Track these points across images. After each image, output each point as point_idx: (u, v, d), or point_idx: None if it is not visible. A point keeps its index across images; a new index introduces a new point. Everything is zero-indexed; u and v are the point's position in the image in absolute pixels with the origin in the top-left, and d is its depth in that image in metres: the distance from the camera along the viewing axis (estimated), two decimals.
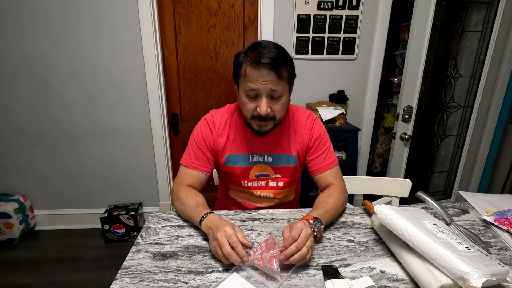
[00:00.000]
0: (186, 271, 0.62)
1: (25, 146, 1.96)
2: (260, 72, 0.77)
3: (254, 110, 0.83)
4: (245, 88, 0.82)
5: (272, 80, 0.78)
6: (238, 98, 0.88)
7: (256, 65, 0.77)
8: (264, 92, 0.80)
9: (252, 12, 1.87)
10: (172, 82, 1.97)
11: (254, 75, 0.78)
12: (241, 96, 0.85)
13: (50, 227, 2.14)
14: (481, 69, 1.93)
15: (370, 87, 2.02)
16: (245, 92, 0.82)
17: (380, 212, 0.68)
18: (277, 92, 0.81)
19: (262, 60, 0.76)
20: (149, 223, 0.81)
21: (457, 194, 1.01)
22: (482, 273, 0.50)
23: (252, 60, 0.78)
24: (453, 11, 1.80)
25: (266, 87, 0.79)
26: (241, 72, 0.82)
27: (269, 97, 0.81)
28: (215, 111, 0.99)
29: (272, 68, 0.77)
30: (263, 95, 0.80)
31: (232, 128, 0.95)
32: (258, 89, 0.79)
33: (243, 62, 0.81)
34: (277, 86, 0.79)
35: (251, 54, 0.79)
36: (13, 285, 1.62)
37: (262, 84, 0.78)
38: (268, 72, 0.77)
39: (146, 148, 2.03)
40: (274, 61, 0.77)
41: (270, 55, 0.77)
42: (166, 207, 2.17)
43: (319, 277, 0.61)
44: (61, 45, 1.77)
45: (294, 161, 0.96)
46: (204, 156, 0.94)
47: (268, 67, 0.76)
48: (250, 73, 0.79)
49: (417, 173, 2.16)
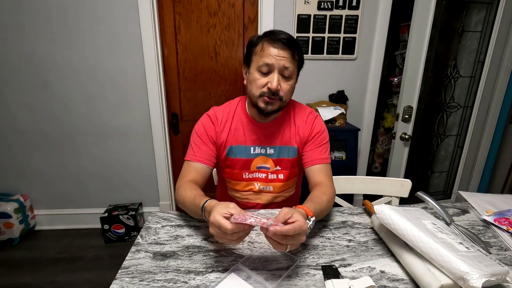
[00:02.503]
0: (186, 271, 0.62)
1: (25, 146, 1.96)
2: (276, 48, 0.83)
3: (264, 86, 0.86)
4: (258, 64, 0.85)
5: (286, 57, 0.84)
6: (248, 77, 0.91)
7: (273, 41, 0.83)
8: (277, 68, 0.84)
9: (252, 12, 1.87)
10: (172, 82, 1.97)
11: (269, 51, 0.83)
12: (252, 73, 0.88)
13: (50, 227, 2.14)
14: (481, 69, 1.93)
15: (370, 87, 2.02)
16: (258, 68, 0.86)
17: (380, 212, 0.68)
18: (289, 71, 0.85)
19: (278, 37, 0.83)
20: (149, 222, 0.81)
21: (457, 194, 1.01)
22: (482, 273, 0.50)
23: (269, 38, 0.85)
24: (453, 11, 1.80)
25: (280, 63, 0.83)
26: (257, 49, 0.86)
27: (280, 74, 0.85)
28: (216, 107, 1.01)
29: (288, 46, 0.83)
30: (275, 71, 0.84)
31: (235, 118, 0.97)
32: (272, 64, 0.83)
33: (260, 40, 0.87)
34: (290, 64, 0.84)
35: (268, 34, 0.86)
36: (13, 285, 1.62)
37: (276, 59, 0.83)
38: (284, 48, 0.83)
39: (146, 148, 2.03)
40: (289, 40, 0.84)
41: (286, 35, 0.84)
42: (166, 207, 2.17)
43: (319, 277, 0.61)
44: (61, 45, 1.77)
45: (294, 153, 0.97)
46: (207, 148, 0.94)
47: (284, 42, 0.83)
48: (266, 48, 0.84)
49: (417, 173, 2.16)
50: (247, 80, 0.92)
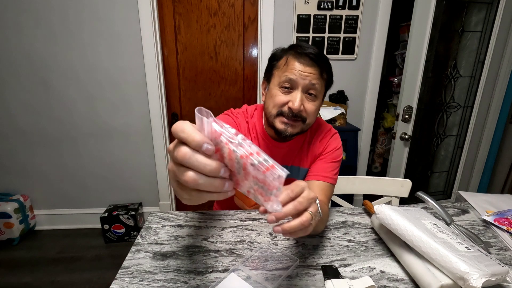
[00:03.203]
0: (186, 271, 0.62)
1: (25, 146, 1.96)
2: (302, 63, 0.73)
3: (284, 105, 0.75)
4: (280, 79, 0.75)
5: (314, 74, 0.74)
6: (267, 92, 0.81)
7: (299, 55, 0.73)
8: (301, 85, 0.74)
9: (252, 12, 1.87)
10: (172, 82, 1.97)
11: (294, 65, 0.74)
12: (272, 89, 0.78)
13: (50, 227, 2.14)
14: (481, 69, 1.93)
15: (370, 87, 2.02)
16: (280, 84, 0.76)
17: (380, 212, 0.68)
18: (315, 89, 0.75)
19: (306, 51, 0.73)
20: (149, 222, 0.81)
21: (457, 194, 1.01)
22: (482, 273, 0.50)
23: (295, 51, 0.74)
24: (453, 11, 1.80)
25: (306, 80, 0.73)
26: (280, 63, 0.77)
27: (305, 93, 0.75)
28: (234, 111, 0.90)
29: (316, 62, 0.73)
30: (299, 88, 0.74)
31: (251, 132, 0.88)
32: (296, 81, 0.73)
33: (284, 54, 0.77)
34: (317, 81, 0.74)
35: (294, 47, 0.76)
36: (13, 285, 1.62)
37: (302, 76, 0.73)
38: (311, 64, 0.73)
39: (146, 148, 2.03)
40: (318, 55, 0.74)
41: (315, 50, 0.74)
42: (166, 207, 2.17)
43: (319, 277, 0.61)
44: (61, 45, 1.77)
45: (303, 175, 0.89)
46: None
47: (312, 57, 0.73)
48: (291, 63, 0.74)
49: (417, 173, 2.16)
50: (265, 96, 0.82)
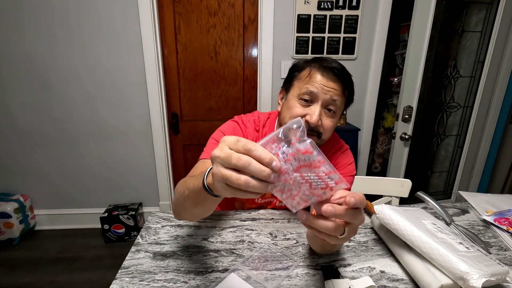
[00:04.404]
0: (186, 271, 0.62)
1: (25, 146, 1.96)
2: (326, 78, 0.72)
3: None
4: (301, 90, 0.74)
5: (336, 90, 0.72)
6: (284, 103, 0.78)
7: (324, 69, 0.73)
8: (321, 99, 0.72)
9: (252, 12, 1.87)
10: (172, 82, 1.97)
11: (318, 79, 0.72)
12: (290, 99, 0.76)
13: (50, 227, 2.14)
14: (481, 69, 1.93)
15: (370, 87, 2.02)
16: (299, 96, 0.74)
17: (380, 212, 0.68)
18: (335, 105, 0.73)
19: (331, 65, 0.72)
20: (149, 222, 0.81)
21: (457, 194, 1.01)
22: (482, 273, 0.50)
23: (320, 64, 0.73)
24: (453, 11, 1.80)
25: (327, 95, 0.72)
26: (302, 74, 0.76)
27: (324, 108, 0.73)
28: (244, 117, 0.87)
29: (340, 78, 0.73)
30: (319, 102, 0.72)
31: None
32: (317, 94, 0.72)
33: (308, 65, 0.76)
34: (338, 97, 0.73)
35: (319, 60, 0.75)
36: (13, 285, 1.62)
37: (324, 90, 0.71)
38: (335, 80, 0.72)
39: (146, 148, 2.03)
40: (343, 71, 0.73)
41: (340, 65, 0.74)
42: (166, 207, 2.17)
43: (319, 277, 0.61)
44: (61, 45, 1.77)
45: None
46: None
47: (336, 72, 0.72)
48: (314, 75, 0.73)
49: (417, 173, 2.16)
50: (282, 106, 0.80)
